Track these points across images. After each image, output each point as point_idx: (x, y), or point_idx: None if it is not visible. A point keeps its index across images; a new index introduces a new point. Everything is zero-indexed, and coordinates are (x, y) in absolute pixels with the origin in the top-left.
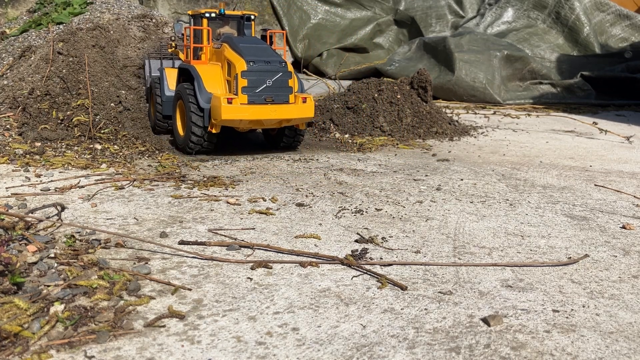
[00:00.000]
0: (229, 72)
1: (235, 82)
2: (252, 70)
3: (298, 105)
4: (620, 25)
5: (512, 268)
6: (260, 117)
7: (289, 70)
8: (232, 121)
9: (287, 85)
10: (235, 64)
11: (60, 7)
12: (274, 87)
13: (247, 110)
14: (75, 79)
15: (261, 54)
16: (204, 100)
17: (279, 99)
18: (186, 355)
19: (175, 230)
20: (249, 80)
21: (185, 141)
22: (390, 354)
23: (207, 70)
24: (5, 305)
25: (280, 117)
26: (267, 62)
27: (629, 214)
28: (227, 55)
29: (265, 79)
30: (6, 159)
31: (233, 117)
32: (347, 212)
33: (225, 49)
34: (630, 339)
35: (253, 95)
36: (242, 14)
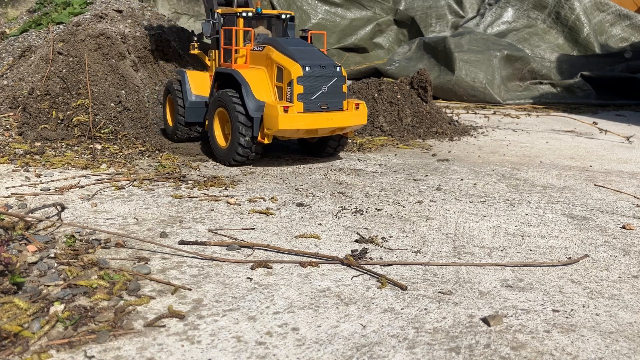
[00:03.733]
0: (278, 78)
1: (290, 88)
2: (308, 75)
3: (352, 112)
4: (620, 25)
5: (512, 268)
6: (316, 126)
7: (343, 74)
8: (288, 131)
9: (341, 91)
10: (289, 69)
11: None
12: (329, 93)
13: (304, 119)
14: (75, 79)
15: (315, 57)
16: (254, 109)
17: (334, 106)
18: (186, 355)
19: (175, 230)
20: (305, 86)
21: (228, 152)
22: (390, 354)
23: (253, 76)
24: (5, 305)
25: (336, 125)
26: (323, 66)
27: (629, 214)
28: (277, 59)
29: (321, 85)
30: (6, 159)
31: (290, 126)
32: (347, 212)
33: (272, 52)
34: (630, 339)
35: (309, 103)
36: (278, 13)
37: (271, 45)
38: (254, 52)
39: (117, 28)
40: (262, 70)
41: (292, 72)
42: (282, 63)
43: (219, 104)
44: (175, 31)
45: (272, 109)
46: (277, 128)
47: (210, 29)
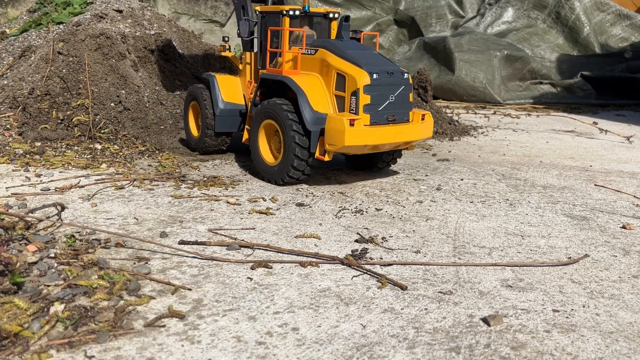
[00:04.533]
0: (339, 86)
1: (355, 98)
2: (376, 84)
3: (418, 124)
4: (620, 25)
5: (512, 268)
6: (384, 140)
7: (410, 82)
8: (354, 147)
9: (408, 100)
10: (353, 76)
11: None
12: (396, 103)
13: (372, 134)
14: (75, 79)
15: (380, 63)
16: (311, 121)
17: (400, 118)
18: (186, 355)
19: (175, 230)
20: (372, 96)
21: (280, 170)
22: (390, 353)
23: (308, 83)
24: (5, 305)
25: (404, 139)
26: (390, 73)
27: (629, 214)
28: (336, 64)
29: (388, 94)
30: (6, 159)
31: (357, 142)
32: (347, 212)
33: (328, 56)
34: (630, 339)
35: (375, 115)
36: (325, 11)
37: (326, 48)
38: (305, 56)
39: (117, 28)
40: (316, 77)
41: (358, 80)
42: (344, 69)
43: (266, 115)
44: (175, 31)
45: (335, 122)
46: (343, 144)
47: (247, 29)
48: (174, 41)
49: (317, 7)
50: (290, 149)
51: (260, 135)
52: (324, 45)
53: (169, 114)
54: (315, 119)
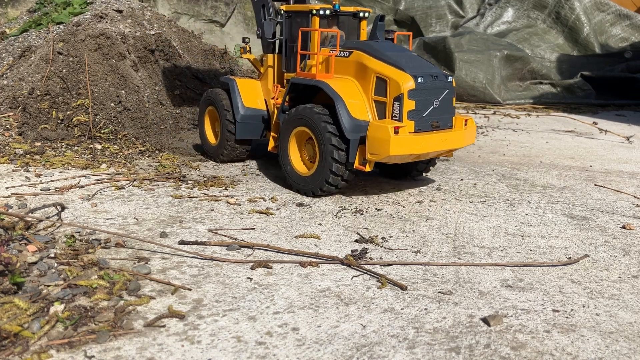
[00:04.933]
0: (379, 91)
1: (399, 104)
2: (421, 88)
3: (462, 130)
4: (620, 25)
5: (512, 268)
6: (429, 149)
7: (453, 86)
8: (400, 157)
9: (452, 105)
10: (397, 80)
11: (60, 7)
12: (440, 108)
13: (418, 142)
14: (75, 79)
15: (422, 66)
16: (350, 129)
17: (444, 124)
18: (186, 355)
19: (175, 230)
20: (417, 101)
21: (314, 180)
22: (390, 353)
23: (345, 88)
24: (5, 305)
25: (449, 147)
26: (435, 76)
27: (629, 214)
28: (376, 67)
29: (433, 99)
30: (6, 159)
31: (403, 151)
32: (347, 212)
33: (365, 58)
34: (630, 339)
35: (420, 121)
36: (355, 10)
37: (362, 50)
38: (338, 58)
39: (117, 28)
40: (352, 81)
41: (402, 85)
42: (386, 73)
43: (299, 122)
44: (175, 31)
45: (379, 131)
46: (387, 154)
47: (271, 30)
48: (174, 41)
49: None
50: (327, 159)
51: (291, 144)
52: (360, 47)
53: (169, 114)
54: (354, 126)
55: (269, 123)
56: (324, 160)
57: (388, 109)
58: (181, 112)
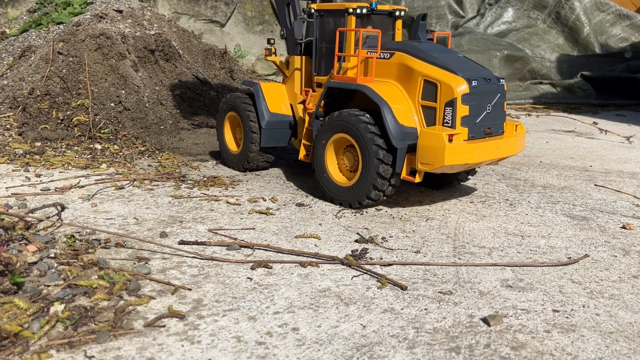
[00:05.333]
0: (427, 95)
1: (451, 110)
2: (475, 92)
3: (513, 136)
4: (620, 25)
5: (512, 268)
6: (484, 158)
7: (505, 89)
8: (455, 167)
9: (503, 110)
10: (449, 84)
11: (60, 7)
12: (492, 114)
13: (473, 151)
14: (75, 79)
15: (473, 68)
16: (398, 137)
17: (496, 130)
18: (186, 355)
19: (175, 230)
20: (470, 106)
21: (357, 191)
22: (390, 353)
23: (389, 93)
24: (5, 305)
25: (502, 155)
26: (487, 79)
27: (629, 214)
28: (424, 70)
29: (486, 104)
30: (6, 159)
31: (457, 160)
32: (347, 212)
33: (410, 60)
34: (630, 339)
35: (473, 128)
36: (391, 9)
37: (405, 51)
38: (379, 60)
39: (117, 28)
40: (394, 85)
41: (455, 89)
42: (435, 76)
43: (338, 128)
44: (175, 31)
45: (432, 138)
46: (442, 164)
47: (302, 30)
48: (174, 41)
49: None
50: (372, 168)
51: (328, 152)
52: (403, 48)
53: (169, 114)
54: (401, 133)
55: (295, 129)
56: (367, 169)
57: (438, 115)
58: (181, 112)
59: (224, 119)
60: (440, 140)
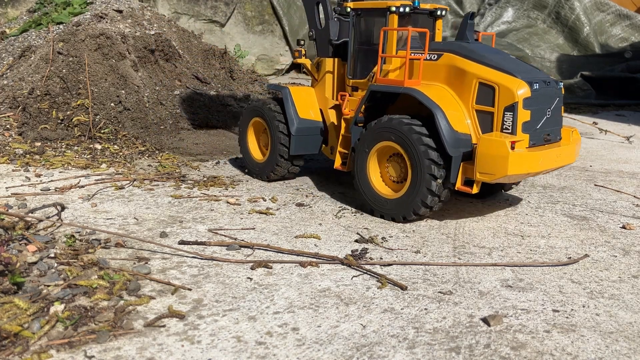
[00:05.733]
0: (483, 99)
1: (511, 115)
2: (536, 96)
3: (571, 143)
4: (620, 25)
5: (512, 268)
6: (546, 166)
7: (562, 93)
8: (516, 177)
9: (560, 115)
10: (509, 87)
11: (60, 7)
12: (551, 119)
13: (536, 159)
14: (75, 79)
15: (530, 70)
16: (452, 144)
17: (554, 137)
18: (186, 355)
19: (175, 230)
20: (532, 111)
21: (406, 203)
22: (390, 353)
23: (440, 97)
24: (5, 305)
25: (562, 163)
26: (547, 82)
27: (629, 214)
28: (477, 72)
29: (546, 109)
30: (6, 159)
31: (521, 170)
32: (347, 212)
33: (461, 62)
34: (630, 339)
35: (534, 135)
36: (432, 7)
37: (455, 52)
38: (426, 62)
39: (117, 28)
40: (443, 89)
41: (515, 92)
42: (492, 79)
43: (384, 136)
44: (175, 31)
45: (493, 146)
46: (505, 173)
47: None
48: (174, 41)
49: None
50: (422, 183)
51: (371, 161)
52: (452, 49)
53: (169, 114)
54: (456, 140)
55: (326, 136)
56: (417, 183)
57: (496, 121)
58: (181, 112)
59: (247, 126)
60: (502, 148)
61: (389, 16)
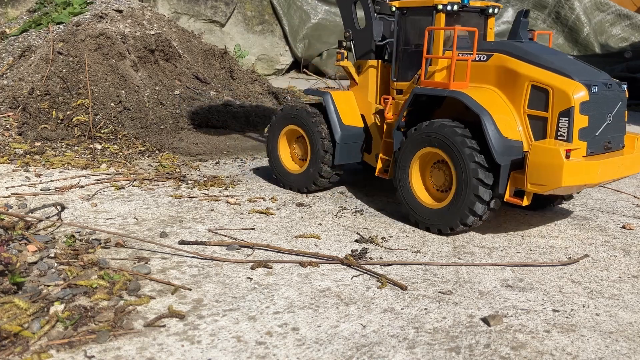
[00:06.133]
0: (535, 103)
1: (567, 120)
2: (595, 100)
3: (634, 151)
4: (620, 25)
5: (512, 268)
6: (606, 177)
7: (626, 96)
8: (571, 188)
9: (624, 120)
10: (564, 90)
11: (60, 7)
12: (613, 125)
13: (594, 169)
14: (75, 79)
15: (589, 72)
16: (501, 151)
17: (616, 145)
18: (186, 355)
19: (175, 230)
20: (590, 116)
21: (449, 214)
22: (390, 353)
23: (488, 100)
24: (5, 305)
25: (625, 174)
26: (608, 85)
27: (629, 214)
28: (530, 74)
29: (606, 114)
30: (6, 159)
31: (576, 181)
32: (347, 212)
33: (513, 63)
34: (630, 339)
35: (592, 142)
36: (484, 5)
37: (507, 53)
38: (474, 63)
39: (117, 28)
40: (493, 92)
41: (572, 95)
42: (547, 81)
43: (428, 142)
44: (175, 31)
45: (546, 154)
46: (559, 185)
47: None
48: (174, 41)
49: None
50: (469, 190)
51: (414, 168)
52: (503, 49)
53: (169, 114)
54: (505, 147)
55: (369, 142)
56: (463, 190)
57: (550, 126)
58: (181, 112)
59: (278, 135)
60: (556, 157)
61: (436, 15)
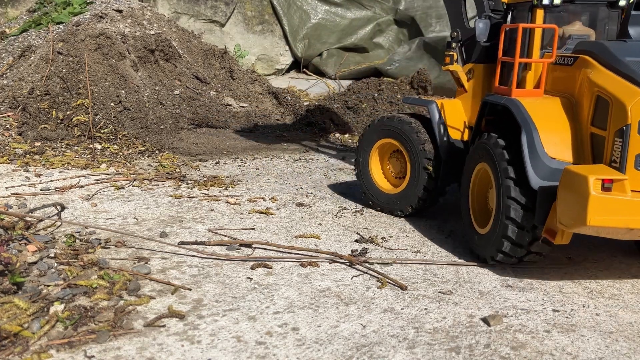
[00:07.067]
0: (598, 118)
1: (623, 142)
2: None
3: None
4: None
5: (512, 268)
6: None
7: None
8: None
9: None
10: (622, 100)
11: (60, 7)
12: None
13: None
14: (75, 79)
15: None
16: (539, 173)
17: None
18: (186, 355)
19: (175, 230)
20: None
21: (488, 242)
22: (390, 353)
23: (546, 110)
24: (5, 305)
25: None
26: None
27: None
28: (599, 81)
29: None
30: (6, 159)
31: (611, 222)
32: (347, 211)
33: (591, 66)
34: (630, 339)
35: None
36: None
37: (593, 54)
38: (557, 67)
39: (117, 28)
40: (558, 102)
41: (630, 109)
42: (611, 89)
43: (480, 156)
44: (175, 31)
45: (574, 182)
46: (583, 224)
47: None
48: (174, 41)
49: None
50: (502, 210)
51: (472, 186)
52: (591, 50)
53: (169, 114)
54: (545, 169)
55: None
56: (499, 215)
57: (607, 148)
58: (181, 112)
59: (370, 149)
60: (583, 185)
61: (533, 11)
